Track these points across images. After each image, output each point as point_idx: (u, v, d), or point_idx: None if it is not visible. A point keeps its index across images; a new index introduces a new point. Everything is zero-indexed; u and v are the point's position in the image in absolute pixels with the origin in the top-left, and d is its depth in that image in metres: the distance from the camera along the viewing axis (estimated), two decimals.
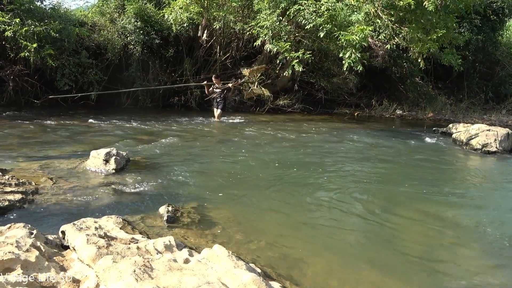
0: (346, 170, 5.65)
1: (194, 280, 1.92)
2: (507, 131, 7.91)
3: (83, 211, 3.36)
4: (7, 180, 3.69)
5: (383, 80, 14.46)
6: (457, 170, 6.37)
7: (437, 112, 13.79)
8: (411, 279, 2.75)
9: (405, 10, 8.51)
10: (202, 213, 3.51)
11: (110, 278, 1.90)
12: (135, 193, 3.94)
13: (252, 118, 10.61)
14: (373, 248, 3.17)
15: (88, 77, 10.12)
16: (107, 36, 10.55)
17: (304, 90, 13.36)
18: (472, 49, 14.01)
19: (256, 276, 2.03)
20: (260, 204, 3.96)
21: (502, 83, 15.47)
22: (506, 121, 13.00)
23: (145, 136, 7.15)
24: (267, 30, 9.39)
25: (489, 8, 14.10)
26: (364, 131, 9.65)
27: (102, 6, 11.86)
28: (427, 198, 4.52)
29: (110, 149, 4.66)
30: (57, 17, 9.68)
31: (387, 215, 3.90)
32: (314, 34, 9.94)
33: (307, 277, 2.62)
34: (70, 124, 7.86)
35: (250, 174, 4.96)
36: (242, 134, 8.08)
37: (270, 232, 3.31)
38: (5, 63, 9.56)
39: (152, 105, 11.35)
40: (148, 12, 11.08)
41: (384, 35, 8.79)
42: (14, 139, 6.23)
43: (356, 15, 8.21)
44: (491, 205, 4.42)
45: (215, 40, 12.07)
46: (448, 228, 3.67)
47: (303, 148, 7.03)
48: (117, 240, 2.40)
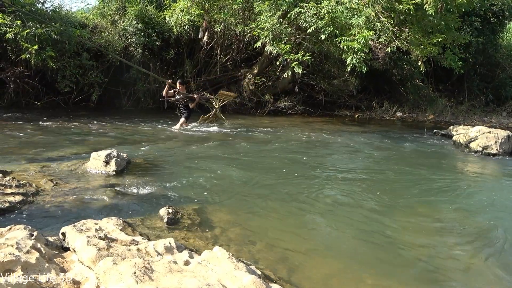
0: (346, 172, 5.65)
1: (195, 282, 1.92)
2: (507, 134, 7.90)
3: (83, 212, 3.36)
4: (8, 181, 3.69)
5: (384, 82, 14.48)
6: (458, 173, 6.37)
7: (437, 114, 13.80)
8: (411, 281, 2.74)
9: (405, 14, 8.53)
10: (203, 215, 3.51)
11: (111, 279, 1.90)
12: (136, 194, 3.94)
13: (252, 120, 10.62)
14: (373, 250, 3.17)
15: (89, 78, 10.14)
16: (108, 38, 10.58)
17: (304, 92, 13.38)
18: (472, 51, 14.04)
19: (256, 278, 2.03)
20: (261, 206, 3.96)
21: (503, 85, 15.49)
22: (507, 123, 13.00)
23: (146, 137, 7.15)
24: (267, 32, 9.41)
25: (489, 11, 14.13)
26: (364, 133, 9.65)
27: (103, 8, 11.90)
28: (427, 200, 4.51)
29: (111, 151, 4.66)
30: (58, 19, 9.72)
31: (387, 217, 3.89)
32: (315, 36, 9.97)
33: (307, 279, 2.62)
34: (70, 125, 7.87)
35: (250, 176, 4.96)
36: (243, 136, 8.08)
37: (271, 234, 3.31)
38: (6, 64, 9.59)
39: (154, 106, 11.37)
40: (149, 14, 11.12)
41: (385, 37, 8.81)
42: (15, 140, 6.24)
43: (356, 18, 8.23)
44: (491, 207, 4.41)
45: (216, 42, 12.10)
46: (448, 230, 3.67)
47: (304, 150, 7.03)
48: (118, 242, 2.39)
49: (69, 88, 9.93)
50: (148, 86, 11.11)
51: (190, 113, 8.75)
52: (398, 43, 9.23)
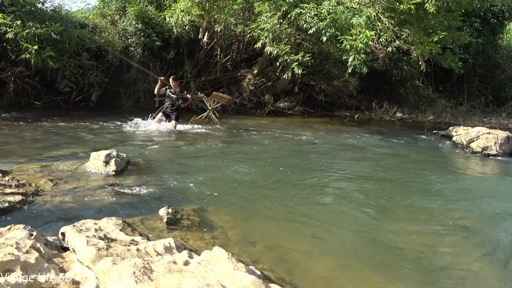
0: (346, 173, 5.65)
1: (194, 282, 1.92)
2: (507, 134, 7.91)
3: (83, 212, 3.36)
4: (7, 181, 3.69)
5: (384, 83, 14.49)
6: (457, 173, 6.37)
7: (437, 115, 13.81)
8: (412, 281, 2.74)
9: (406, 13, 8.53)
10: (202, 215, 3.51)
11: (110, 279, 1.89)
12: (135, 195, 3.93)
13: (252, 120, 10.62)
14: (373, 251, 3.16)
15: (88, 78, 10.13)
16: (108, 38, 10.57)
17: (304, 92, 13.39)
18: (472, 52, 14.05)
19: (256, 278, 2.03)
20: (260, 206, 3.96)
21: (502, 86, 15.50)
22: (506, 124, 13.02)
23: (146, 137, 7.15)
24: (267, 32, 9.41)
25: (489, 12, 14.15)
26: (364, 133, 9.66)
27: (103, 8, 11.90)
28: (427, 201, 4.51)
29: (110, 151, 4.66)
30: (58, 19, 9.71)
31: (387, 218, 3.90)
32: (315, 36, 9.97)
33: (307, 279, 2.62)
34: (70, 125, 7.87)
35: (250, 177, 4.96)
36: (243, 136, 8.08)
37: (270, 235, 3.31)
38: (6, 64, 9.58)
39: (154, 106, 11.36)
40: (149, 14, 11.12)
41: (385, 37, 8.82)
42: (15, 140, 6.23)
43: (357, 18, 8.23)
44: (491, 207, 4.41)
45: (216, 42, 12.10)
46: (448, 230, 3.67)
47: (303, 151, 7.03)
48: (117, 242, 2.39)
49: (69, 88, 9.93)
50: (148, 86, 11.10)
51: (180, 113, 8.24)
52: (399, 42, 9.23)
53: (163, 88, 8.08)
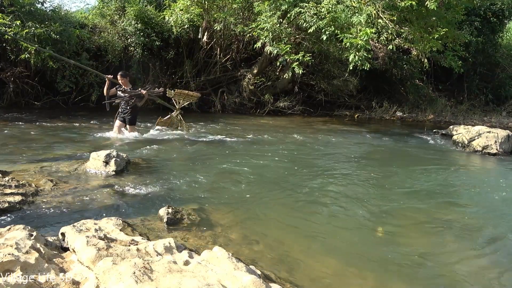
0: (346, 172, 5.64)
1: (194, 282, 1.91)
2: (507, 133, 7.90)
3: (83, 212, 3.36)
4: (7, 182, 3.69)
5: (384, 82, 14.48)
6: (458, 172, 6.36)
7: (437, 114, 13.80)
8: (412, 280, 2.74)
9: (407, 11, 8.51)
10: (202, 215, 3.50)
11: (110, 279, 1.89)
12: (135, 195, 3.93)
13: (252, 120, 10.62)
14: (373, 250, 3.16)
15: (88, 78, 10.13)
16: (107, 38, 10.58)
17: (304, 92, 13.39)
18: (472, 51, 14.04)
19: (256, 278, 2.03)
20: (260, 206, 3.95)
21: (502, 85, 15.50)
22: (507, 123, 13.02)
23: (146, 137, 7.14)
24: (267, 32, 9.40)
25: (489, 10, 14.14)
26: (364, 133, 9.65)
27: (103, 8, 11.91)
28: (427, 200, 4.51)
29: (110, 151, 4.66)
30: (57, 19, 9.71)
31: (387, 217, 3.89)
32: (315, 36, 9.95)
33: (307, 279, 2.61)
34: (70, 126, 7.87)
35: (250, 176, 4.96)
36: (242, 136, 8.08)
37: (270, 234, 3.30)
38: (5, 65, 9.58)
39: (153, 106, 11.37)
40: (148, 14, 11.12)
41: (386, 35, 8.80)
42: (14, 140, 6.23)
43: (357, 16, 8.22)
44: (491, 206, 4.41)
45: (216, 42, 12.09)
46: (448, 229, 3.66)
47: (303, 150, 7.03)
48: (117, 242, 2.39)
49: (68, 88, 9.94)
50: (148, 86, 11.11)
51: (136, 115, 7.16)
52: (399, 41, 9.22)
53: (113, 88, 6.90)
